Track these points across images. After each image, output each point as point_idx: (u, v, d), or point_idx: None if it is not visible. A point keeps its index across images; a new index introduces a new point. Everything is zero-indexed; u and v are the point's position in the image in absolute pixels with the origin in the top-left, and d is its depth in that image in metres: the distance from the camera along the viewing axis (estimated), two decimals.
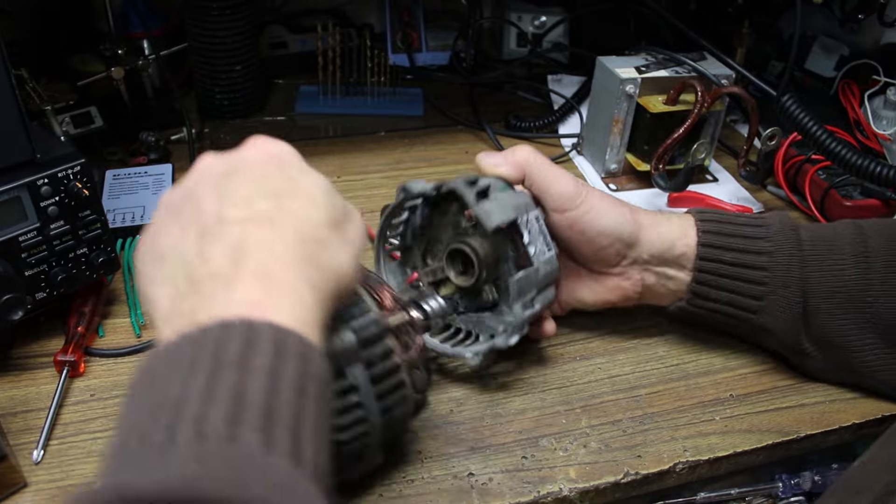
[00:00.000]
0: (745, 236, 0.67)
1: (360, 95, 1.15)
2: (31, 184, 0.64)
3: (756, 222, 0.68)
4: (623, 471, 0.63)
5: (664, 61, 0.96)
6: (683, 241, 0.68)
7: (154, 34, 1.08)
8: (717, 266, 0.67)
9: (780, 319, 0.67)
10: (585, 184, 0.67)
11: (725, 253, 0.67)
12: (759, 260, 0.66)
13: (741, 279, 0.67)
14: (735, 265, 0.66)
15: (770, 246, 0.66)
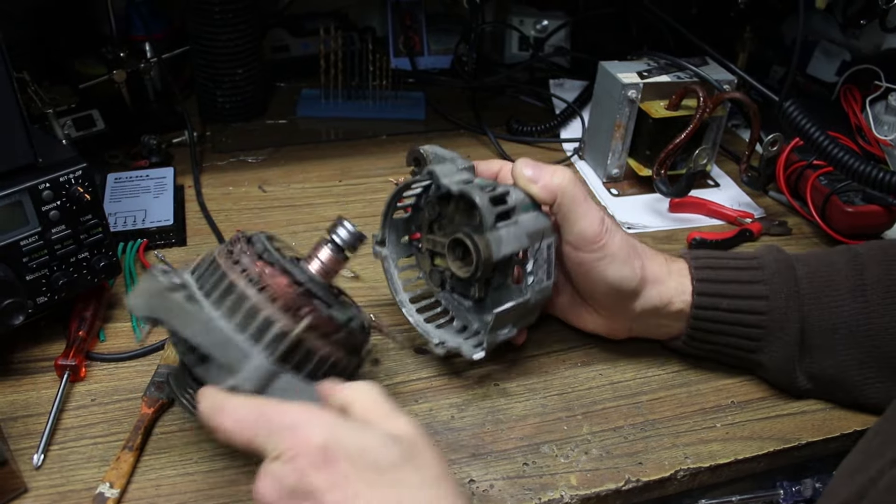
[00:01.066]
0: (741, 281, 0.67)
1: (362, 99, 1.15)
2: (32, 188, 0.64)
3: (751, 265, 0.68)
4: (624, 478, 0.62)
5: (666, 66, 0.96)
6: (681, 298, 0.67)
7: (156, 37, 1.08)
8: (714, 314, 0.67)
9: (777, 358, 0.67)
10: (612, 224, 0.66)
11: (722, 301, 0.66)
12: (757, 305, 0.66)
13: (739, 324, 0.67)
14: (732, 311, 0.66)
15: (766, 290, 0.66)
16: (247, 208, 0.93)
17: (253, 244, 0.57)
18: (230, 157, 1.03)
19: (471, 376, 0.71)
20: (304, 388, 0.52)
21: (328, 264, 0.59)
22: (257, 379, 0.51)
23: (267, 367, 0.51)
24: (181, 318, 0.52)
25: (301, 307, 0.54)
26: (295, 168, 1.01)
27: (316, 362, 0.54)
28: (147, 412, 0.64)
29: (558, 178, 0.64)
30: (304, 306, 0.54)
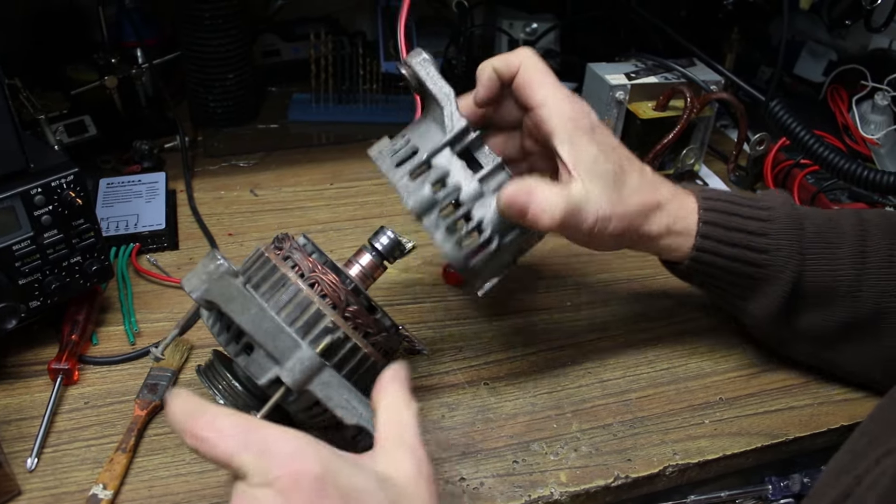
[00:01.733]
0: (748, 231, 0.64)
1: (353, 103, 1.16)
2: (24, 193, 0.64)
3: (761, 216, 0.65)
4: (613, 474, 0.63)
5: (654, 67, 0.97)
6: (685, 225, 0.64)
7: (147, 43, 1.08)
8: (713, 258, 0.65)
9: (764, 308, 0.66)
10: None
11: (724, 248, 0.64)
12: (757, 258, 0.64)
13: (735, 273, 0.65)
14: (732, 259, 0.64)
15: (769, 244, 0.64)
16: (238, 212, 0.93)
17: (301, 243, 0.58)
18: (222, 161, 1.03)
19: (461, 375, 0.72)
20: (345, 385, 0.53)
21: (368, 270, 0.61)
22: (303, 370, 0.52)
23: (315, 359, 0.52)
24: (238, 303, 0.53)
25: (349, 305, 0.55)
26: (286, 172, 1.02)
27: (357, 361, 0.55)
28: (140, 414, 0.64)
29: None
30: (351, 304, 0.55)
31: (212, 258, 0.55)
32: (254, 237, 0.88)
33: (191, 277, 0.56)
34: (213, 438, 0.44)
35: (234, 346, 0.55)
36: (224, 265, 0.55)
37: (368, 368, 0.56)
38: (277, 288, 0.54)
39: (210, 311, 0.56)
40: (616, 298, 0.82)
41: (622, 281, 0.85)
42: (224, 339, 0.55)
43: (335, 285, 0.55)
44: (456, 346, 0.75)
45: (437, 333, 0.76)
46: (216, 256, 0.55)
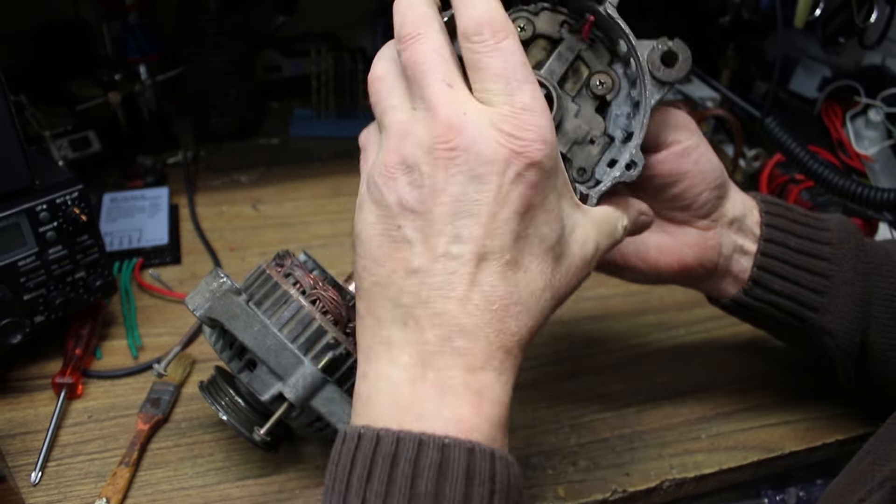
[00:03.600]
0: (809, 225, 0.62)
1: (354, 118, 1.17)
2: (29, 210, 0.65)
3: (816, 216, 0.63)
4: (611, 488, 0.64)
5: None
6: (752, 217, 0.62)
7: (151, 59, 1.09)
8: (782, 251, 0.61)
9: (842, 318, 0.61)
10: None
11: (791, 238, 0.61)
12: (823, 250, 0.61)
13: (805, 269, 0.61)
14: (800, 252, 0.61)
15: (833, 237, 0.62)
16: (240, 227, 0.94)
17: (302, 260, 0.59)
18: (224, 176, 1.04)
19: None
20: (347, 400, 0.54)
21: None
22: (306, 386, 0.53)
23: (317, 375, 0.53)
24: (241, 321, 0.54)
25: (350, 321, 0.56)
26: (288, 187, 1.03)
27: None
28: (143, 428, 0.65)
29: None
30: (352, 321, 0.56)
31: (214, 276, 0.56)
32: (255, 252, 0.89)
33: (194, 295, 0.56)
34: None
35: (237, 363, 0.55)
36: (227, 283, 0.56)
37: None
38: (280, 305, 0.55)
39: (213, 329, 0.57)
40: (613, 313, 0.83)
41: (619, 296, 0.85)
42: (227, 356, 0.56)
43: (336, 301, 0.56)
44: None
45: None
46: (219, 274, 0.56)
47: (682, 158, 0.57)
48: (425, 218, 0.40)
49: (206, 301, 0.55)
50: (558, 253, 0.43)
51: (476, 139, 0.39)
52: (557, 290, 0.44)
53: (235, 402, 0.58)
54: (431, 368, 0.40)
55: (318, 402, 0.53)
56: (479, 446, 0.38)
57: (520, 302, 0.41)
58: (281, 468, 0.64)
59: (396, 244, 0.41)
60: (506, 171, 0.39)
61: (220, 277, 0.56)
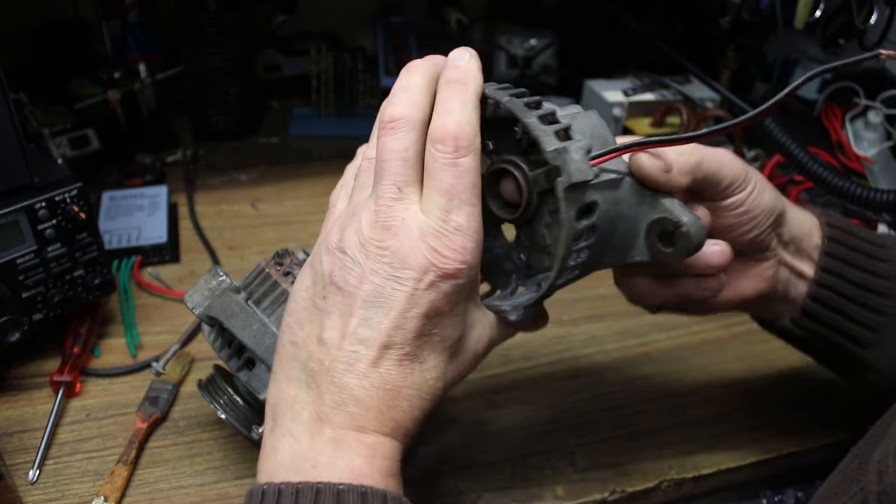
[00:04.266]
0: (868, 254, 0.59)
1: (353, 117, 1.17)
2: (28, 208, 0.65)
3: (877, 240, 0.60)
4: (610, 488, 0.64)
5: (650, 84, 0.98)
6: (812, 240, 0.59)
7: (150, 58, 1.09)
8: (838, 282, 0.59)
9: (892, 356, 0.59)
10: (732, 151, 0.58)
11: (849, 269, 0.59)
12: (881, 284, 0.59)
13: (859, 303, 0.59)
14: (856, 285, 0.58)
15: (892, 270, 0.59)
16: (239, 226, 0.94)
17: (301, 258, 0.59)
18: (223, 175, 1.04)
19: (459, 389, 0.72)
20: None
21: None
22: None
23: None
24: (240, 319, 0.54)
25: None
26: (287, 186, 1.03)
27: None
28: (141, 427, 0.65)
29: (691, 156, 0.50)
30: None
31: (214, 274, 0.56)
32: (254, 251, 0.89)
33: (193, 294, 0.56)
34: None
35: (236, 362, 0.55)
36: (226, 281, 0.56)
37: None
38: (279, 304, 0.55)
39: (212, 327, 0.57)
40: (612, 313, 0.83)
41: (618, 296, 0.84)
42: (226, 355, 0.56)
43: None
44: None
45: None
46: (218, 273, 0.56)
47: (731, 212, 0.54)
48: (347, 297, 0.44)
49: (204, 299, 0.55)
50: (455, 349, 0.47)
51: (404, 245, 0.43)
52: (448, 379, 0.47)
53: (234, 401, 0.58)
54: (328, 425, 0.43)
55: None
56: (372, 489, 0.41)
57: (413, 387, 0.44)
58: None
59: (318, 311, 0.45)
60: (423, 278, 0.43)
61: (219, 276, 0.56)
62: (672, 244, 0.49)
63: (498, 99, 0.47)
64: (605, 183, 0.47)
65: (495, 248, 0.55)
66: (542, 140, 0.44)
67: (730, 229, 0.55)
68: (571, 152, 0.44)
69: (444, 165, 0.43)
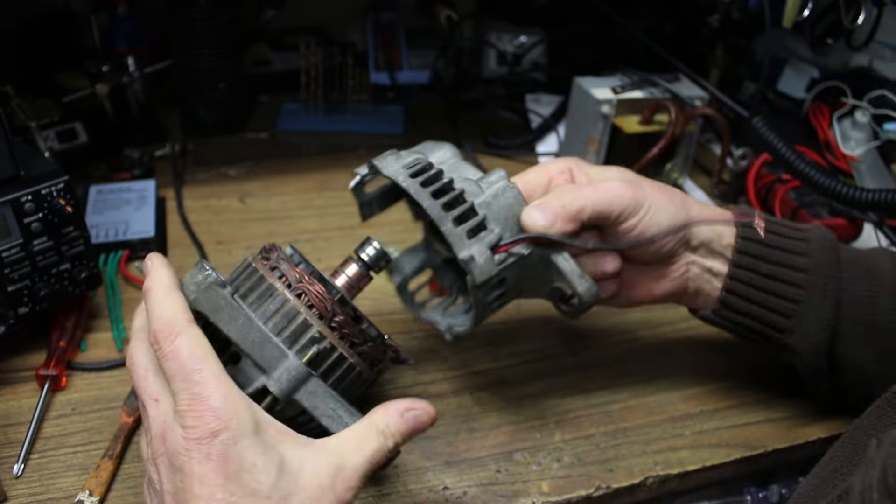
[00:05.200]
0: (785, 249, 0.64)
1: (342, 113, 1.17)
2: (14, 200, 0.65)
3: (798, 235, 0.65)
4: (595, 484, 0.64)
5: (639, 82, 0.98)
6: (724, 241, 0.64)
7: (139, 51, 1.09)
8: (750, 276, 0.63)
9: (808, 341, 0.63)
10: (634, 176, 0.63)
11: (762, 264, 0.63)
12: (796, 276, 0.63)
13: (774, 293, 0.63)
14: (770, 278, 0.63)
15: (808, 263, 0.63)
16: (227, 220, 0.94)
17: (288, 253, 0.59)
18: (212, 169, 1.04)
19: (446, 385, 0.72)
20: (331, 394, 0.54)
21: (354, 280, 0.62)
22: (290, 380, 0.53)
23: (301, 368, 0.53)
24: (226, 313, 0.54)
25: (335, 315, 0.56)
26: (275, 181, 1.02)
27: (343, 370, 0.56)
28: (127, 421, 0.65)
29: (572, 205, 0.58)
30: (338, 314, 0.56)
31: (200, 268, 0.56)
32: (242, 245, 0.89)
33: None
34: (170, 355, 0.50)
35: (222, 356, 0.55)
36: (212, 275, 0.56)
37: (354, 378, 0.57)
38: (265, 298, 0.55)
39: (197, 321, 0.57)
40: (598, 310, 0.83)
41: None
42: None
43: (322, 295, 0.56)
44: (441, 356, 0.76)
45: (423, 344, 0.77)
46: (204, 267, 0.56)
47: (626, 234, 0.61)
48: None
49: (190, 293, 0.55)
50: (283, 494, 0.47)
51: (171, 441, 0.47)
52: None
53: None
54: None
55: (302, 395, 0.53)
56: None
57: None
58: None
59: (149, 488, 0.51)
60: (194, 456, 0.46)
61: (206, 270, 0.56)
62: (570, 306, 0.59)
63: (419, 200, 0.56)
64: (513, 263, 0.57)
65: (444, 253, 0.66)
66: (455, 246, 0.55)
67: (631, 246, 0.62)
68: (477, 259, 0.55)
69: (165, 359, 0.50)
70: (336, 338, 0.55)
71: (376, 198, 0.67)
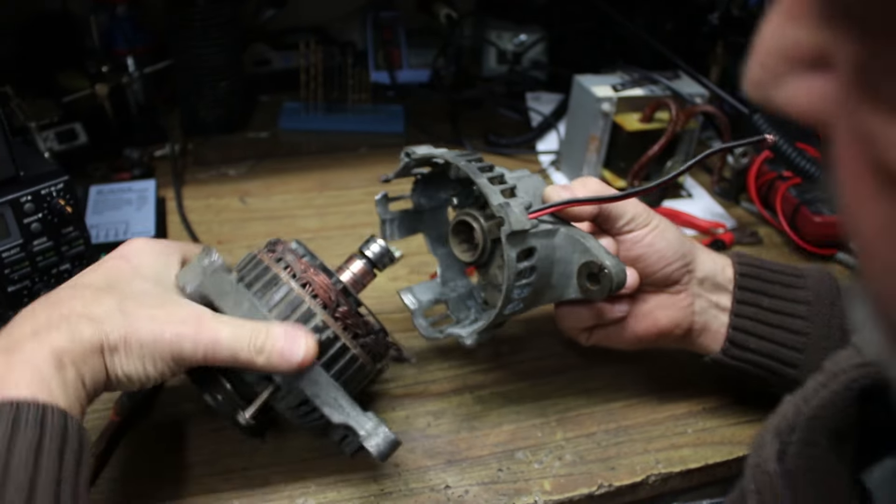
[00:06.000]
0: (783, 284, 0.65)
1: (343, 112, 1.17)
2: (14, 201, 0.65)
3: (793, 271, 0.66)
4: (597, 483, 0.64)
5: (640, 80, 0.98)
6: (725, 275, 0.66)
7: (138, 51, 1.09)
8: (755, 311, 0.64)
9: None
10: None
11: (764, 298, 0.64)
12: (799, 308, 0.64)
13: (781, 327, 0.64)
14: (774, 312, 0.64)
15: (809, 295, 0.64)
16: (228, 220, 0.94)
17: (293, 247, 0.60)
18: (212, 169, 1.04)
19: (447, 384, 0.72)
20: (333, 384, 0.55)
21: (359, 276, 0.63)
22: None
23: None
24: (231, 298, 0.54)
25: (339, 305, 0.56)
26: (275, 180, 1.02)
27: (346, 361, 0.56)
28: (115, 420, 0.64)
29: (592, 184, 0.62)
30: (342, 305, 0.56)
31: (206, 253, 0.56)
32: (243, 245, 0.89)
33: (185, 273, 0.57)
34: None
35: None
36: (218, 261, 0.56)
37: (357, 371, 0.57)
38: (270, 287, 0.55)
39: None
40: None
41: None
42: None
43: (326, 286, 0.56)
44: (442, 354, 0.75)
45: (424, 343, 0.77)
46: (211, 252, 0.56)
47: (635, 244, 0.63)
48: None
49: (196, 277, 0.55)
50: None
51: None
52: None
53: (221, 385, 0.57)
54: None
55: (305, 383, 0.54)
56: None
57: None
58: (265, 462, 0.63)
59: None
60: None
61: (212, 255, 0.56)
62: (598, 282, 0.58)
63: (457, 164, 0.58)
64: (542, 232, 0.58)
65: (459, 288, 0.69)
66: (489, 196, 0.56)
67: (639, 259, 0.63)
68: (513, 206, 0.55)
69: None
70: (339, 328, 0.55)
71: (399, 219, 0.67)
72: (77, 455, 0.45)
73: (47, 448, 0.43)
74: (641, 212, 0.63)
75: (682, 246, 0.64)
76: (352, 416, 0.54)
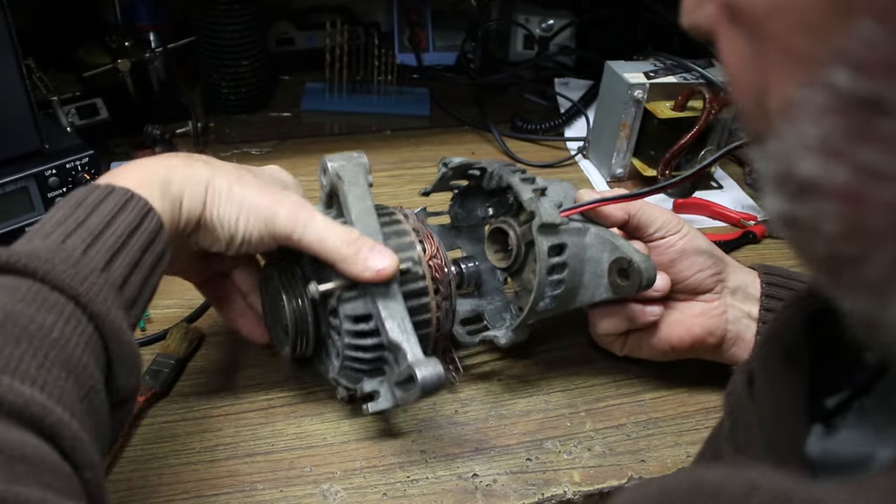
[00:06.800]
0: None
1: (367, 94, 1.15)
2: (38, 174, 0.64)
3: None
4: (627, 475, 0.63)
5: (672, 67, 0.96)
6: (755, 287, 0.67)
7: (161, 27, 1.07)
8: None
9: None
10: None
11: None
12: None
13: None
14: None
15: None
16: None
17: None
18: (234, 148, 1.03)
19: (474, 372, 0.71)
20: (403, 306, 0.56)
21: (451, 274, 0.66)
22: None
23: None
24: (357, 192, 0.58)
25: (436, 257, 0.61)
26: (299, 161, 1.01)
27: (419, 306, 0.59)
28: (138, 400, 0.63)
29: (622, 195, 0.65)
30: (438, 258, 0.61)
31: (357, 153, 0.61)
32: None
33: (334, 155, 0.60)
34: None
35: None
36: (364, 159, 0.60)
37: (423, 322, 0.59)
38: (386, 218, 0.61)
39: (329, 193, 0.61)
40: None
41: None
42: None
43: (431, 238, 0.62)
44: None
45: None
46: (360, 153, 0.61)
47: (667, 250, 0.65)
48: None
49: (342, 160, 0.59)
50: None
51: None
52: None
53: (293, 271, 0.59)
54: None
55: (378, 293, 0.55)
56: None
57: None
58: (291, 445, 0.62)
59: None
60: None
61: (361, 156, 0.60)
62: (627, 277, 0.60)
63: (491, 168, 0.64)
64: (573, 230, 0.61)
65: (496, 302, 0.72)
66: (521, 192, 0.60)
67: (671, 265, 0.65)
68: (543, 202, 0.59)
69: None
70: (429, 271, 0.58)
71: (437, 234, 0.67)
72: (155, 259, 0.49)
73: (137, 236, 0.48)
74: (671, 219, 0.65)
75: (713, 254, 0.66)
76: (411, 340, 0.55)
